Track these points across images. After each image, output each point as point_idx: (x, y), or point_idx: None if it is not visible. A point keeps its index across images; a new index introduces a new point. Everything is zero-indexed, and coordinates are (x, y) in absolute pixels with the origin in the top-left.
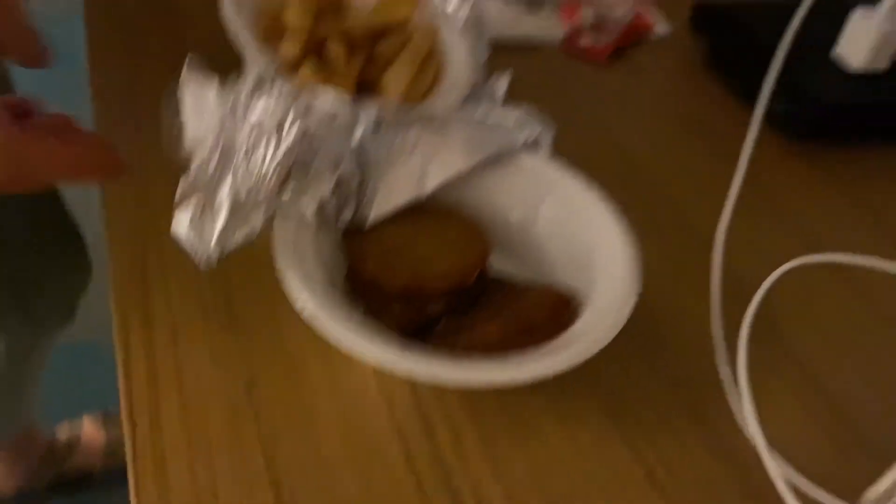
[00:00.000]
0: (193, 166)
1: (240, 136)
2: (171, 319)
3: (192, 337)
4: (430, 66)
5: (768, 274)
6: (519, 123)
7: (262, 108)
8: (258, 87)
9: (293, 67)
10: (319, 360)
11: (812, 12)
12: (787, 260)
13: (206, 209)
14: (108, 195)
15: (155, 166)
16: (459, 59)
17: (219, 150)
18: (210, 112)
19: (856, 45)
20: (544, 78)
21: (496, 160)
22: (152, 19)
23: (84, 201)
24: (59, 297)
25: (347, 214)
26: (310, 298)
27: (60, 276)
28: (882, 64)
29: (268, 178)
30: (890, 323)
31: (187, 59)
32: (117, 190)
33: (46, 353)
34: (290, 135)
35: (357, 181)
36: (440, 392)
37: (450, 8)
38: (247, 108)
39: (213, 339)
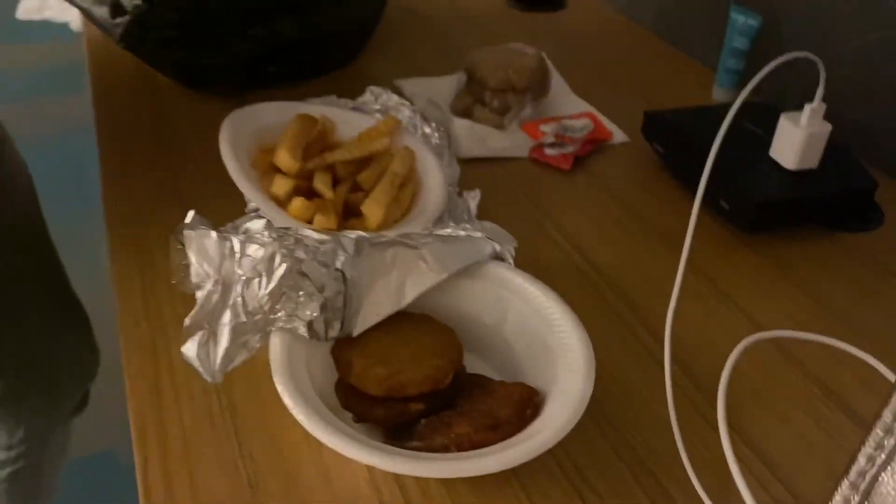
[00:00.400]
0: (199, 300)
1: (236, 274)
2: (182, 431)
3: (202, 445)
4: (408, 188)
5: (717, 355)
6: (487, 237)
7: (253, 250)
8: (249, 237)
9: (284, 202)
10: (314, 459)
11: (749, 117)
12: (735, 342)
13: (210, 335)
14: (122, 315)
15: (164, 290)
16: (435, 179)
17: (220, 286)
18: (210, 256)
19: (786, 147)
20: (514, 186)
21: (467, 270)
22: (158, 154)
23: (89, 283)
24: (72, 382)
25: (335, 329)
26: (303, 407)
27: (71, 360)
28: (812, 163)
29: (262, 307)
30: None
31: (190, 214)
32: (131, 310)
33: (65, 441)
34: (279, 270)
35: (341, 300)
36: (423, 480)
37: (424, 132)
38: (241, 251)
39: (220, 446)
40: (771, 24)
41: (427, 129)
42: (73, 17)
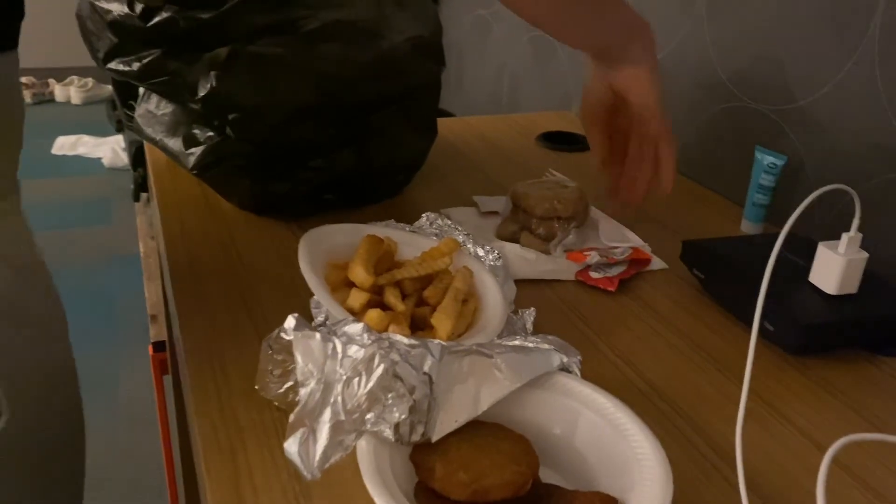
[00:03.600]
0: (302, 398)
1: (338, 373)
2: None
3: None
4: (470, 304)
5: (785, 471)
6: (552, 349)
7: (354, 351)
8: (350, 339)
9: (359, 314)
10: None
11: (786, 246)
12: (797, 459)
13: (310, 432)
14: (199, 419)
15: (240, 396)
16: (494, 297)
17: (322, 385)
18: (315, 356)
19: (826, 274)
20: (564, 306)
21: (536, 381)
22: (226, 272)
23: (105, 413)
24: None
25: (417, 433)
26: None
27: None
28: (851, 289)
29: (359, 406)
30: None
31: (293, 317)
32: (208, 414)
33: None
34: (377, 370)
35: (427, 403)
36: None
37: (480, 255)
38: (343, 352)
39: None
40: (795, 162)
41: (481, 252)
42: (105, 154)
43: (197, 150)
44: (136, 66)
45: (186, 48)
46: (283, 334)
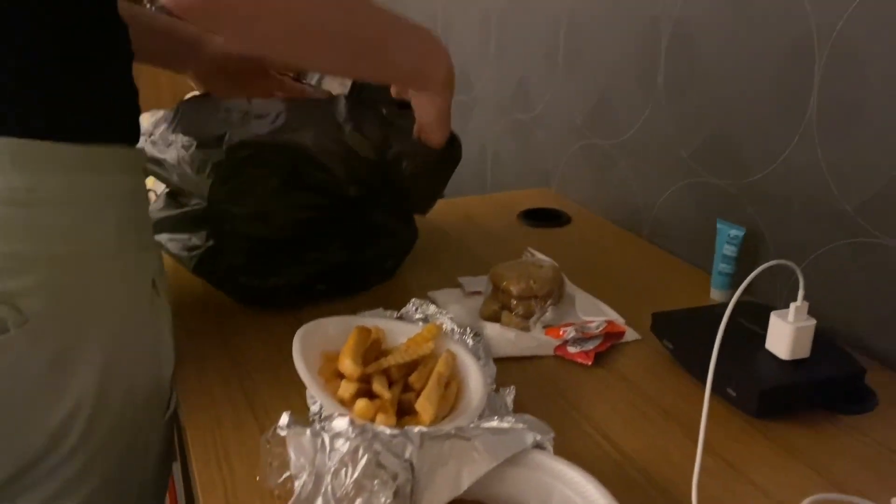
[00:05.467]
0: (297, 489)
1: (326, 465)
2: None
3: None
4: (452, 387)
5: None
6: (527, 428)
7: (340, 444)
8: (336, 434)
9: (349, 403)
10: None
11: (744, 315)
12: None
13: None
14: None
15: (244, 486)
16: (475, 379)
17: (314, 476)
18: (306, 451)
19: (779, 341)
20: (544, 381)
21: (513, 458)
22: (229, 368)
23: None
24: None
25: None
26: None
27: None
28: (804, 353)
29: (347, 494)
30: None
31: (287, 414)
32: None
33: None
34: (361, 461)
35: (409, 487)
36: None
37: (461, 337)
38: (331, 446)
39: None
40: (754, 232)
41: (463, 335)
42: None
43: (196, 253)
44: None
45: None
46: (278, 430)
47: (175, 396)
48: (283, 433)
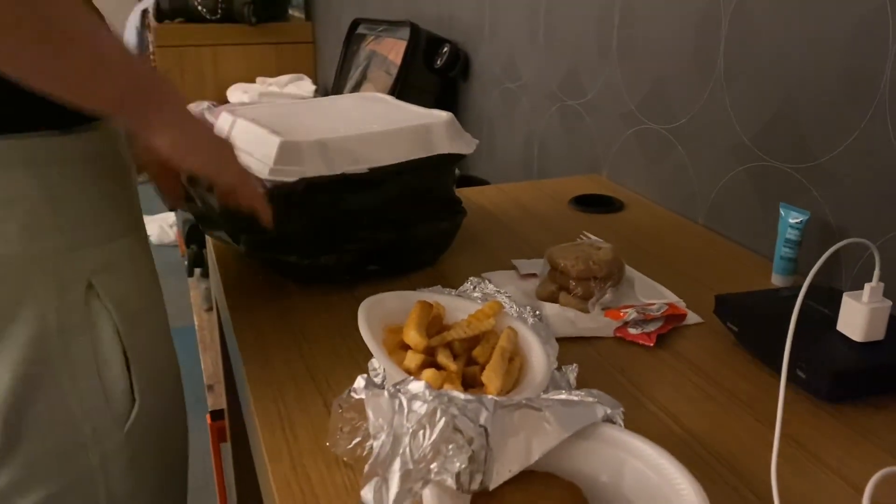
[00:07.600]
0: (375, 450)
1: (405, 427)
2: None
3: None
4: (515, 362)
5: None
6: (596, 402)
7: (418, 406)
8: (414, 396)
9: (415, 374)
10: None
11: (812, 297)
12: (833, 500)
13: (383, 481)
14: (275, 479)
15: (309, 454)
16: (537, 355)
17: (391, 438)
18: (384, 412)
19: (852, 323)
20: (605, 361)
21: (583, 432)
22: (288, 339)
23: None
24: None
25: (476, 482)
26: None
27: None
28: (878, 335)
29: (425, 456)
30: None
31: (362, 377)
32: (282, 474)
33: None
34: (438, 424)
35: (484, 454)
36: None
37: (521, 316)
38: (408, 407)
39: None
40: (818, 216)
41: (523, 313)
42: (153, 231)
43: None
44: None
45: None
46: (353, 393)
47: (138, 404)
48: (358, 396)
